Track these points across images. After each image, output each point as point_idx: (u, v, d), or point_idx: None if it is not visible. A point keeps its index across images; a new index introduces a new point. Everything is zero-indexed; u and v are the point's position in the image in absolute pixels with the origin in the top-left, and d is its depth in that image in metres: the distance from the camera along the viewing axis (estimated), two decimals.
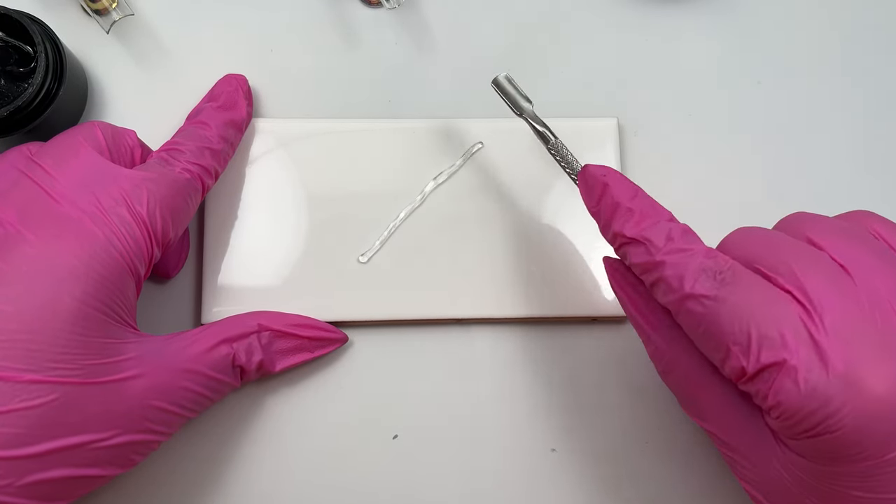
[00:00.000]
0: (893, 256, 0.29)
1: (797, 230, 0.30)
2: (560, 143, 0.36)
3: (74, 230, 0.31)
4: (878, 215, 0.31)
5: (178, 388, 0.33)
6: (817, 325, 0.26)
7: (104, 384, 0.30)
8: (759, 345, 0.27)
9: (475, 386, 0.39)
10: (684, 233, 0.30)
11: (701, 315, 0.28)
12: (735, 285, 0.28)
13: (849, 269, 0.27)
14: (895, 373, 0.25)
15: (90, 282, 0.31)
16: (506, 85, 0.37)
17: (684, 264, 0.29)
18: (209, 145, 0.37)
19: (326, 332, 0.38)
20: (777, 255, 0.29)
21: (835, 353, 0.26)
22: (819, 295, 0.27)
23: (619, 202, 0.32)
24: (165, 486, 0.37)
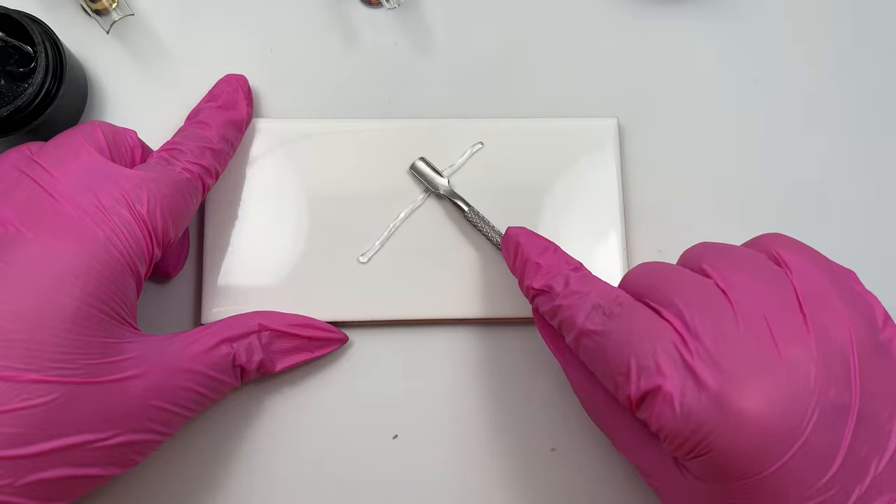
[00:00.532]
0: (782, 278, 0.29)
1: (694, 260, 0.31)
2: (475, 211, 0.39)
3: (75, 230, 0.31)
4: (785, 237, 0.32)
5: (179, 388, 0.33)
6: (691, 351, 0.27)
7: (104, 384, 0.30)
8: (638, 373, 0.28)
9: (475, 386, 0.39)
10: (582, 279, 0.33)
11: (593, 350, 0.31)
12: (620, 318, 0.30)
13: (729, 294, 0.28)
14: (762, 393, 0.26)
15: (90, 281, 0.31)
16: (422, 167, 0.40)
17: (578, 305, 0.31)
18: (209, 145, 0.37)
19: (326, 332, 0.38)
20: (664, 288, 0.30)
21: (706, 375, 0.27)
22: (695, 321, 0.28)
23: (528, 258, 0.34)
24: (165, 486, 0.37)
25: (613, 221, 0.40)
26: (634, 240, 0.41)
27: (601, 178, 0.41)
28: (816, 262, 0.30)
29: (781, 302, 0.28)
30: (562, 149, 0.41)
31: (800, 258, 0.30)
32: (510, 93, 0.42)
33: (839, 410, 0.27)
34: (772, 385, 0.26)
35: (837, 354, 0.27)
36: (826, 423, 0.26)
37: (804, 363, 0.27)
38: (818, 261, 0.30)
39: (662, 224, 0.41)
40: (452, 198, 0.39)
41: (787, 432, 0.26)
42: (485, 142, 0.41)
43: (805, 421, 0.26)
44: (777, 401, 0.26)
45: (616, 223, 0.40)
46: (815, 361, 0.27)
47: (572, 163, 0.41)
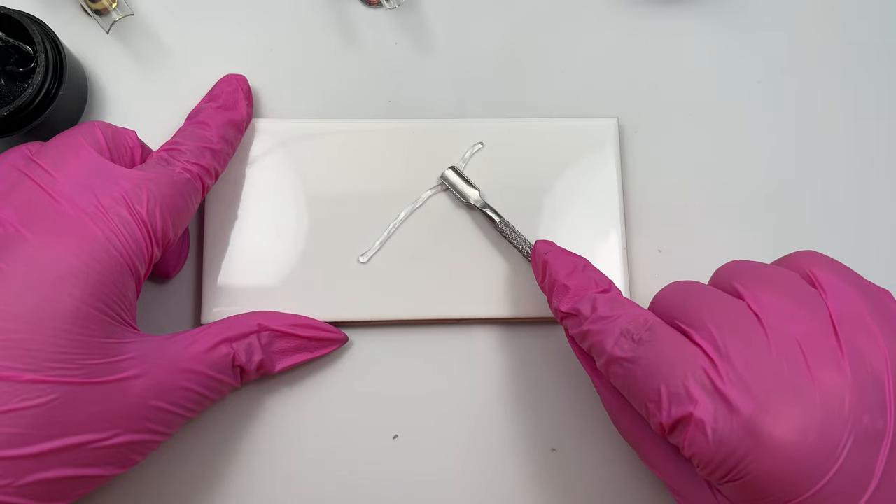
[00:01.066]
0: (816, 301, 0.29)
1: (727, 279, 0.31)
2: (506, 222, 0.39)
3: (74, 230, 0.31)
4: (819, 256, 0.31)
5: (178, 388, 0.33)
6: (721, 376, 0.27)
7: (104, 384, 0.30)
8: (669, 401, 0.28)
9: (475, 386, 0.39)
10: (610, 301, 0.32)
11: (623, 377, 0.30)
12: (650, 344, 0.29)
13: (762, 318, 0.28)
14: (796, 419, 0.26)
15: (90, 281, 0.31)
16: (452, 177, 0.40)
17: (606, 331, 0.31)
18: (209, 145, 0.37)
19: (326, 333, 0.38)
20: (695, 310, 0.30)
21: (738, 402, 0.27)
22: (727, 345, 0.28)
23: (556, 279, 0.34)
24: (165, 486, 0.37)
25: (613, 221, 0.40)
26: (634, 240, 0.41)
27: (601, 178, 0.41)
28: (851, 282, 0.29)
29: (815, 326, 0.28)
30: (562, 149, 0.41)
31: (834, 278, 0.29)
32: (510, 93, 0.42)
33: (873, 437, 0.26)
34: (805, 411, 0.26)
35: (872, 380, 0.27)
36: (860, 449, 0.26)
37: (838, 389, 0.26)
38: (853, 280, 0.30)
39: (662, 224, 0.41)
40: (484, 209, 0.39)
41: (821, 459, 0.26)
42: (485, 142, 0.41)
43: (839, 448, 0.26)
44: (810, 427, 0.26)
45: (616, 223, 0.40)
46: (849, 387, 0.26)
47: (572, 163, 0.41)
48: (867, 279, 0.30)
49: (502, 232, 0.39)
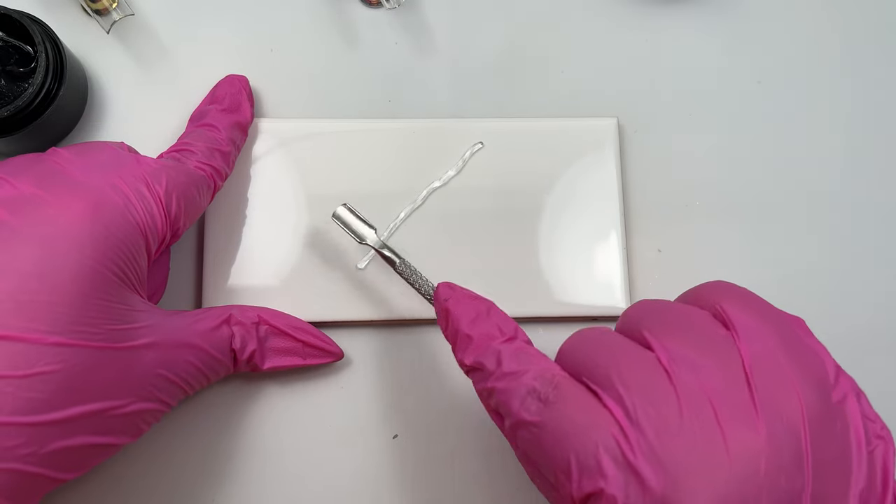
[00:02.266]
0: (728, 347, 0.27)
1: (635, 326, 0.29)
2: (406, 263, 0.36)
3: (93, 196, 0.31)
4: (728, 289, 0.29)
5: (183, 361, 0.33)
6: (632, 447, 0.25)
7: (122, 350, 0.30)
8: (579, 473, 0.26)
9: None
10: (516, 353, 0.30)
11: (530, 441, 0.28)
12: (557, 407, 0.27)
13: (671, 374, 0.26)
14: (708, 493, 0.24)
15: (110, 246, 0.30)
16: (346, 216, 0.36)
17: (511, 389, 0.28)
18: (219, 147, 0.37)
19: (323, 343, 0.38)
20: (602, 365, 0.27)
21: (650, 476, 0.25)
22: (636, 409, 0.26)
23: (458, 328, 0.31)
24: (164, 486, 0.37)
25: (613, 221, 0.40)
26: (634, 240, 0.41)
27: (601, 178, 0.41)
28: (763, 318, 0.28)
29: (727, 377, 0.26)
30: (562, 149, 0.41)
31: (745, 316, 0.27)
32: (510, 93, 0.42)
33: (791, 497, 0.25)
34: (718, 484, 0.24)
35: (788, 436, 0.25)
36: None
37: (753, 454, 0.25)
38: (765, 315, 0.28)
39: (662, 224, 0.41)
40: (382, 250, 0.36)
41: None
42: (485, 142, 0.41)
43: None
44: (725, 499, 0.24)
45: (616, 223, 0.40)
46: (764, 450, 0.25)
47: (572, 163, 0.41)
48: (777, 308, 0.29)
49: (403, 274, 0.36)
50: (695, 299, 0.30)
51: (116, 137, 0.40)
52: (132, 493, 0.37)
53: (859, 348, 0.40)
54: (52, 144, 0.40)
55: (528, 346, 0.30)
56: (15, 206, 0.30)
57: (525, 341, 0.31)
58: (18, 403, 0.27)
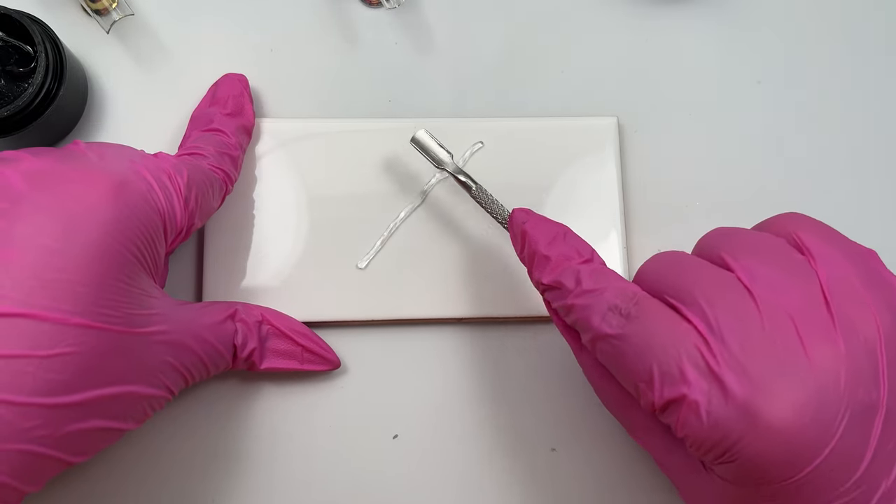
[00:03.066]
0: (805, 269, 0.28)
1: (713, 249, 0.30)
2: (482, 189, 0.36)
3: (118, 177, 0.31)
4: (802, 218, 0.30)
5: (189, 351, 0.33)
6: (715, 356, 0.26)
7: (138, 335, 0.30)
8: (661, 381, 0.27)
9: (475, 385, 0.39)
10: (594, 273, 0.31)
11: (611, 354, 0.29)
12: (639, 321, 0.28)
13: (753, 291, 0.27)
14: (791, 399, 0.25)
15: (132, 227, 0.30)
16: (425, 140, 0.37)
17: (592, 305, 0.30)
18: (229, 151, 0.37)
19: (322, 350, 0.38)
20: (683, 283, 0.29)
21: (733, 384, 0.26)
22: (719, 323, 0.27)
23: (535, 249, 0.32)
24: (164, 486, 0.37)
25: (613, 221, 0.40)
26: (634, 240, 0.41)
27: (601, 178, 0.41)
28: (838, 246, 0.29)
29: (807, 297, 0.27)
30: (562, 149, 0.41)
31: (821, 243, 0.29)
32: (510, 93, 0.42)
33: (868, 410, 0.26)
34: (801, 392, 0.25)
35: (865, 350, 0.26)
36: (855, 424, 0.26)
37: (833, 365, 0.26)
38: (840, 244, 0.29)
39: (662, 224, 0.41)
40: (457, 174, 0.37)
41: (817, 439, 0.25)
42: (485, 142, 0.41)
43: (835, 426, 0.26)
44: (806, 408, 0.25)
45: (616, 223, 0.40)
46: (843, 362, 0.26)
47: (572, 163, 0.41)
48: (852, 240, 0.30)
49: (478, 199, 0.37)
50: (770, 228, 0.31)
51: (116, 137, 0.41)
52: (131, 493, 0.37)
53: None
54: (52, 144, 0.40)
55: (606, 268, 0.32)
56: (37, 179, 0.29)
57: (602, 263, 0.32)
58: (38, 384, 0.27)
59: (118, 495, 0.37)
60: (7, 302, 0.27)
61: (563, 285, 0.31)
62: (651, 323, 0.28)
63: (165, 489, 0.37)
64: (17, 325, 0.27)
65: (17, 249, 0.27)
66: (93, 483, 0.37)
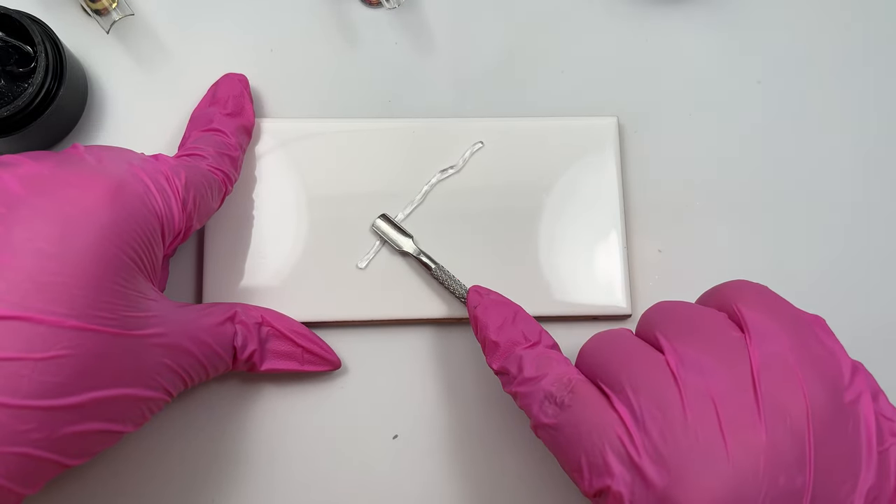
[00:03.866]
0: (738, 350, 0.28)
1: (651, 328, 0.30)
2: (441, 268, 0.38)
3: (115, 181, 0.31)
4: (747, 288, 0.30)
5: (187, 353, 0.33)
6: (636, 447, 0.27)
7: (134, 337, 0.30)
8: (590, 471, 0.28)
9: (475, 385, 0.39)
10: (536, 359, 0.32)
11: (549, 442, 0.30)
12: (571, 410, 0.29)
13: (678, 377, 0.27)
14: (706, 489, 0.25)
15: (129, 231, 0.30)
16: (385, 228, 0.39)
17: (532, 394, 0.31)
18: (228, 152, 0.37)
19: (322, 351, 0.38)
20: (614, 369, 0.29)
21: (652, 475, 0.26)
22: (643, 411, 0.27)
23: (486, 335, 0.34)
24: (165, 486, 0.37)
25: (613, 221, 0.40)
26: (634, 240, 0.41)
27: (601, 177, 0.41)
28: (779, 318, 0.28)
29: (734, 381, 0.27)
30: (562, 149, 0.41)
31: (760, 316, 0.28)
32: (510, 93, 0.42)
33: (791, 496, 0.26)
34: (716, 482, 0.25)
35: (790, 436, 0.26)
36: None
37: (752, 454, 0.26)
38: (780, 316, 0.29)
39: (662, 224, 0.41)
40: (419, 256, 0.39)
41: None
42: (485, 142, 0.41)
43: None
44: (723, 498, 0.25)
45: (616, 223, 0.40)
46: (763, 450, 0.26)
47: (572, 163, 0.41)
48: (796, 307, 0.29)
49: (439, 278, 0.38)
50: (714, 299, 0.31)
51: (116, 137, 0.41)
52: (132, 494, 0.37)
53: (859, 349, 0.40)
54: (53, 144, 0.40)
55: (550, 351, 0.33)
56: (35, 183, 0.30)
57: (548, 346, 0.33)
58: (34, 387, 0.27)
59: (119, 496, 0.37)
60: (2, 305, 0.27)
61: (508, 371, 0.32)
62: (581, 412, 0.29)
63: (166, 489, 0.37)
64: (12, 327, 0.27)
65: (14, 253, 0.28)
66: (94, 483, 0.37)
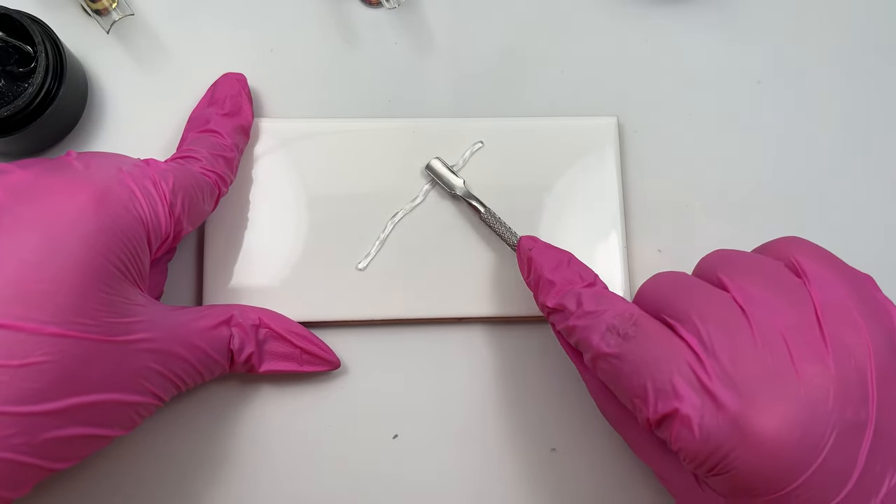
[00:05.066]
0: (800, 291, 0.29)
1: (711, 270, 0.31)
2: (491, 212, 0.39)
3: (100, 188, 0.31)
4: (802, 243, 0.31)
5: (178, 358, 0.33)
6: (708, 372, 0.27)
7: (118, 343, 0.30)
8: (655, 397, 0.28)
9: (475, 385, 0.39)
10: (595, 296, 0.32)
11: (609, 372, 0.31)
12: (636, 340, 0.30)
13: (747, 310, 0.28)
14: (781, 414, 0.26)
15: (113, 237, 0.30)
16: (438, 167, 0.40)
17: (592, 326, 0.31)
18: (223, 153, 0.37)
19: (321, 351, 0.38)
20: (680, 302, 0.30)
21: (724, 397, 0.27)
22: (712, 339, 0.28)
23: (541, 274, 0.34)
24: (165, 487, 0.37)
25: (613, 221, 0.40)
26: (634, 240, 0.41)
27: (601, 177, 0.41)
28: (835, 270, 0.29)
29: (800, 318, 0.28)
30: (562, 148, 0.41)
31: (818, 266, 0.29)
32: (510, 92, 0.42)
33: (856, 428, 0.27)
34: (790, 406, 0.26)
35: (855, 371, 0.27)
36: (843, 442, 0.26)
37: (822, 383, 0.26)
38: (837, 268, 0.30)
39: (662, 224, 0.41)
40: (468, 199, 0.39)
41: (805, 453, 0.26)
42: (485, 142, 0.41)
43: (823, 441, 0.26)
44: (795, 423, 0.26)
45: (616, 223, 0.40)
46: (833, 381, 0.26)
47: (572, 162, 0.41)
48: (849, 265, 0.30)
49: (487, 222, 0.39)
50: (769, 252, 0.31)
51: (116, 137, 0.41)
52: (129, 493, 0.37)
53: None
54: (52, 144, 0.40)
55: (608, 291, 0.33)
56: (20, 192, 0.30)
57: (604, 287, 0.34)
58: (12, 393, 0.27)
59: (117, 496, 0.37)
60: None
61: (565, 308, 0.33)
62: (647, 341, 0.29)
63: (165, 490, 0.37)
64: None
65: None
66: (92, 484, 0.37)
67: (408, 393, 0.39)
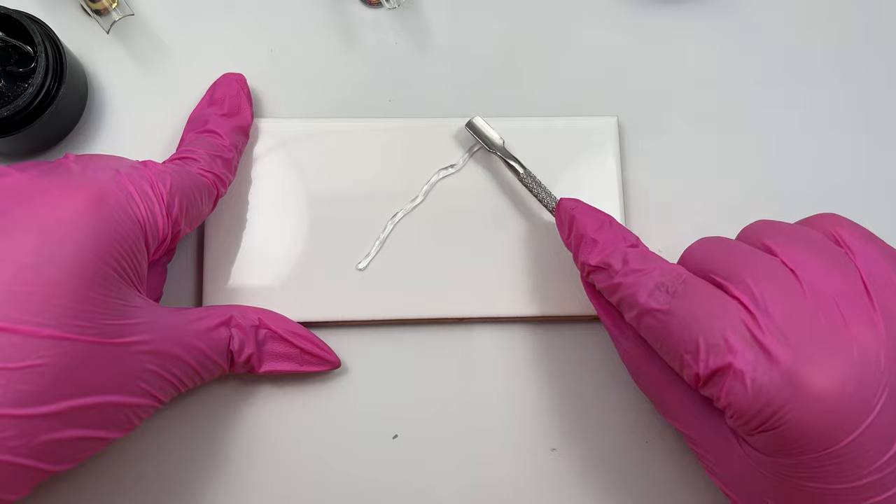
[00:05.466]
0: (846, 261, 0.29)
1: (756, 237, 0.31)
2: (530, 173, 0.38)
3: (96, 190, 0.31)
4: (841, 218, 0.32)
5: (176, 359, 0.33)
6: (762, 328, 0.28)
7: (115, 345, 0.30)
8: (707, 351, 0.28)
9: (475, 386, 0.39)
10: (641, 256, 0.33)
11: (656, 328, 0.31)
12: (685, 297, 0.30)
13: (797, 273, 0.29)
14: (835, 370, 0.27)
15: (110, 240, 0.30)
16: (481, 125, 0.40)
17: (639, 283, 0.31)
18: (221, 154, 0.37)
19: (321, 351, 0.38)
20: (730, 264, 0.30)
21: (778, 353, 0.27)
22: (765, 298, 0.28)
23: (583, 234, 0.34)
24: (165, 487, 0.37)
25: None
26: None
27: (601, 177, 0.41)
28: (876, 245, 0.30)
29: (848, 284, 0.28)
30: (562, 148, 0.41)
31: (860, 240, 0.30)
32: (510, 92, 0.42)
33: None
34: (844, 363, 0.27)
35: None
36: (892, 403, 0.27)
37: (874, 345, 0.27)
38: (877, 243, 0.30)
39: (662, 224, 0.41)
40: (507, 157, 0.39)
41: (857, 411, 0.26)
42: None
43: (874, 402, 0.27)
44: (849, 379, 0.26)
45: None
46: (883, 344, 0.27)
47: (572, 162, 0.41)
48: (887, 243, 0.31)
49: (526, 184, 0.39)
50: (810, 225, 0.32)
51: (116, 137, 0.41)
52: (129, 493, 0.37)
53: None
54: (52, 144, 0.40)
55: (652, 252, 0.33)
56: (15, 194, 0.30)
57: (647, 249, 0.34)
58: (9, 395, 0.27)
59: (117, 496, 0.37)
60: None
61: (610, 266, 0.33)
62: (697, 298, 0.30)
63: (165, 490, 0.37)
64: None
65: None
66: (92, 483, 0.37)
67: (408, 393, 0.39)
